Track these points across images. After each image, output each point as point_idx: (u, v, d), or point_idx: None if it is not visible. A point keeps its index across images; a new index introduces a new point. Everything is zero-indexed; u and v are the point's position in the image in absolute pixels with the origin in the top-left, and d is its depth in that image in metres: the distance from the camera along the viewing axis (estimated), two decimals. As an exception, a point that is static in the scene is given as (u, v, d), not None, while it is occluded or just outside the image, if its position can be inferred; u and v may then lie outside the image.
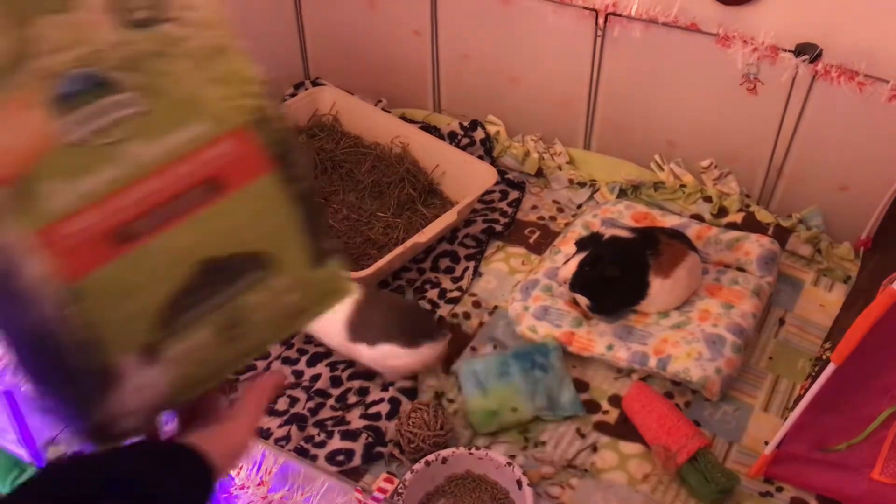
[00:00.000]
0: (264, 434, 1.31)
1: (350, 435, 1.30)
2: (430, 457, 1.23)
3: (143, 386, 0.57)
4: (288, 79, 2.11)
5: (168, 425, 0.65)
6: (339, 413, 1.35)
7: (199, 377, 0.62)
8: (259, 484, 1.23)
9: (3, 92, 0.51)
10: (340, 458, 1.27)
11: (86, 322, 0.53)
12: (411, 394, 1.37)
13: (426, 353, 1.35)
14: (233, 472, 1.15)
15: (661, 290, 1.44)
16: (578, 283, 1.42)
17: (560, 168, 1.84)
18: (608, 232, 1.47)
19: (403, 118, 1.92)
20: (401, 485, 1.20)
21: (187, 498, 0.57)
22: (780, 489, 1.26)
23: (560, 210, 1.76)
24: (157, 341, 0.57)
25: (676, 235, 1.51)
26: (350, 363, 1.42)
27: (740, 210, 1.68)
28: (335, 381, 1.41)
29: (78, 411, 0.56)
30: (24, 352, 0.56)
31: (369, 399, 1.37)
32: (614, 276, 1.40)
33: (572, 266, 1.42)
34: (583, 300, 1.44)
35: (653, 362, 1.38)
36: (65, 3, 0.55)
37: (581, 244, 1.46)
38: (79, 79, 0.54)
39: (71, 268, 0.53)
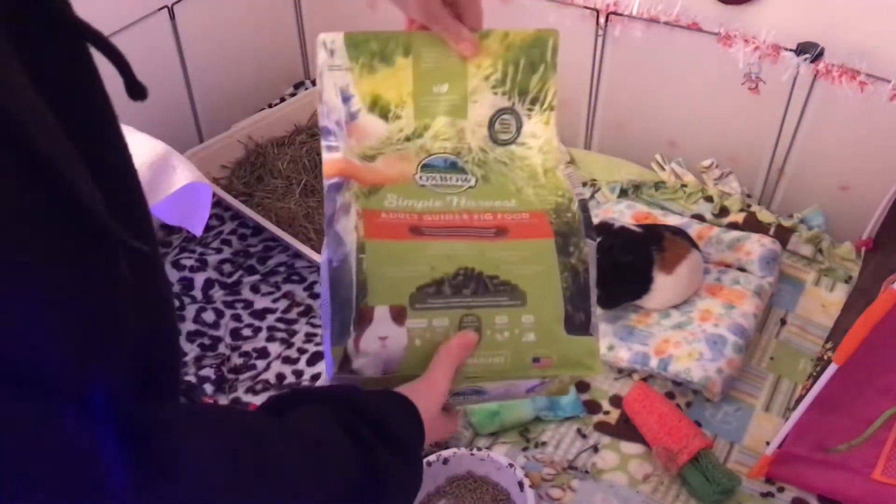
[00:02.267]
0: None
1: (351, 436, 1.29)
2: (432, 457, 1.23)
3: (384, 337, 0.75)
4: (288, 79, 2.11)
5: None
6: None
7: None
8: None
9: (400, 150, 0.82)
10: (341, 458, 1.27)
11: (363, 269, 0.75)
12: (412, 394, 1.37)
13: None
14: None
15: (663, 285, 1.44)
16: None
17: (561, 168, 1.83)
18: (617, 222, 1.48)
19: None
20: (401, 486, 1.20)
21: (415, 433, 0.70)
22: (781, 490, 1.26)
23: (561, 210, 1.76)
24: (406, 308, 0.75)
25: (679, 233, 1.51)
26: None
27: (741, 210, 1.67)
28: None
29: (337, 337, 0.74)
30: (324, 282, 0.77)
31: (370, 400, 1.37)
32: (627, 263, 1.41)
33: None
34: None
35: (654, 363, 1.38)
36: (464, 113, 0.83)
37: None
38: (442, 159, 0.82)
39: (369, 232, 0.76)
